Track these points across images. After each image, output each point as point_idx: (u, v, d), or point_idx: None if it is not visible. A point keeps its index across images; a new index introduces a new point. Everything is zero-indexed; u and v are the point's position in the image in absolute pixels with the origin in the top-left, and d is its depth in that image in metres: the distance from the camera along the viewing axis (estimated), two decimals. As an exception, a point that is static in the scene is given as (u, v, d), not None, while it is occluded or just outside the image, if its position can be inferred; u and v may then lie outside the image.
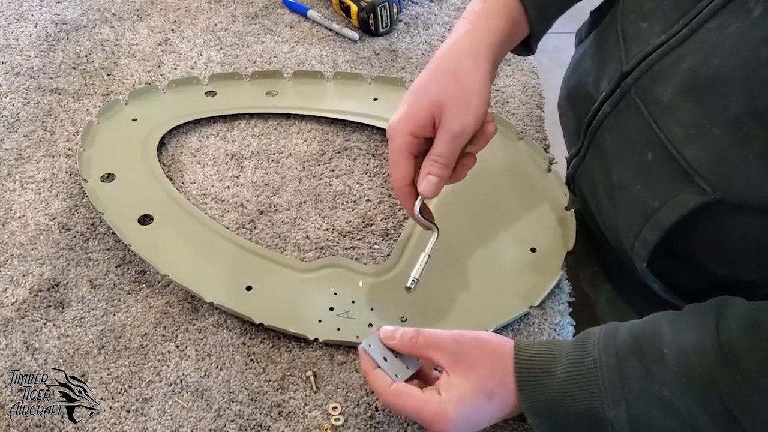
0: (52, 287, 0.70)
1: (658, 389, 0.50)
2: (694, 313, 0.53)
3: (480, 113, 0.61)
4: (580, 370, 0.53)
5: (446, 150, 0.60)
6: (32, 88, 0.93)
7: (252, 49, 1.01)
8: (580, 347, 0.54)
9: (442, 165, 0.60)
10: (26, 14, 1.05)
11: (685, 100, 0.57)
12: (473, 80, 0.61)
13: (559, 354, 0.55)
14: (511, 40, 0.67)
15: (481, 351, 0.56)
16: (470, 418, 0.54)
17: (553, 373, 0.54)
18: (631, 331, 0.54)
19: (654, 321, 0.54)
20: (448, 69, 0.62)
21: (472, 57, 0.62)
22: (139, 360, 0.65)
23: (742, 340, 0.48)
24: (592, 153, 0.71)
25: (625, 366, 0.52)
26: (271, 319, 0.66)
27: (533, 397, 0.54)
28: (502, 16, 0.64)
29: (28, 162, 0.83)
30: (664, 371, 0.50)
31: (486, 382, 0.54)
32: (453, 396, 0.53)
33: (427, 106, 0.60)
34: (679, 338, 0.51)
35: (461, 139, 0.61)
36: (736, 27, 0.53)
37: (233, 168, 0.83)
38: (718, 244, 0.62)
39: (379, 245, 0.75)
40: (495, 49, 0.64)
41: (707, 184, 0.56)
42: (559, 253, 0.73)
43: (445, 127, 0.60)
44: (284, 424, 0.61)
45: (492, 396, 0.54)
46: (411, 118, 0.61)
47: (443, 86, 0.61)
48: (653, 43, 0.60)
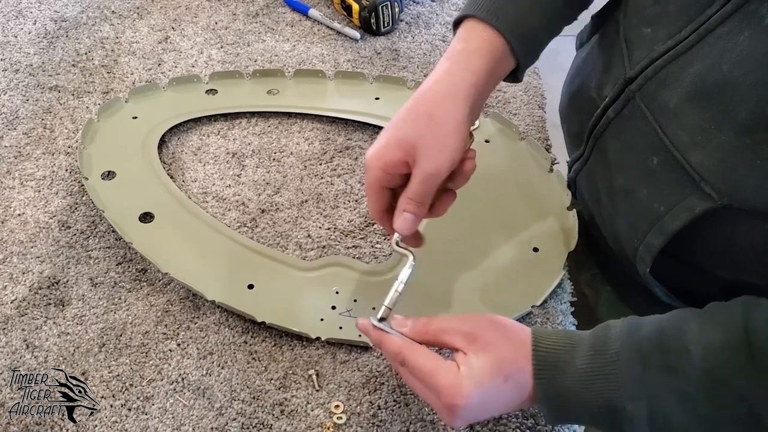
0: (52, 285, 0.70)
1: (681, 386, 0.49)
2: (720, 311, 0.52)
3: (456, 155, 0.60)
4: (601, 362, 0.52)
5: (420, 189, 0.59)
6: (31, 86, 0.92)
7: (253, 48, 1.00)
8: (602, 339, 0.53)
9: (417, 204, 0.60)
10: (25, 11, 1.05)
11: (691, 106, 0.56)
12: (450, 122, 0.60)
13: (579, 344, 0.53)
14: (495, 77, 0.65)
15: (500, 333, 0.54)
16: (484, 399, 0.52)
17: (571, 364, 0.52)
18: (655, 326, 0.53)
19: (678, 317, 0.54)
20: (426, 110, 0.60)
21: (451, 99, 0.61)
22: (140, 358, 0.65)
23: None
24: (595, 158, 0.71)
25: (648, 360, 0.51)
26: (273, 318, 0.66)
27: (550, 386, 0.53)
28: (484, 56, 0.63)
29: (27, 159, 0.83)
30: (688, 368, 0.50)
31: (504, 364, 0.53)
32: (470, 372, 0.52)
33: (400, 146, 0.59)
34: (705, 336, 0.50)
35: (435, 180, 0.60)
36: (748, 34, 0.52)
37: (234, 166, 0.83)
38: (724, 250, 0.61)
39: (380, 244, 0.75)
40: (475, 91, 0.62)
41: (713, 190, 0.55)
42: (561, 253, 0.73)
43: (420, 168, 0.59)
44: (286, 422, 0.61)
45: (508, 378, 0.53)
46: (384, 156, 0.60)
47: (419, 128, 0.60)
48: (659, 49, 0.60)
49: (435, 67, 0.63)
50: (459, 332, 0.54)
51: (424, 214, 0.61)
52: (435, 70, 0.63)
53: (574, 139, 0.77)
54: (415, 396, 0.63)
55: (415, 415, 0.62)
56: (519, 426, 0.62)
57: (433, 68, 0.64)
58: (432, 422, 0.62)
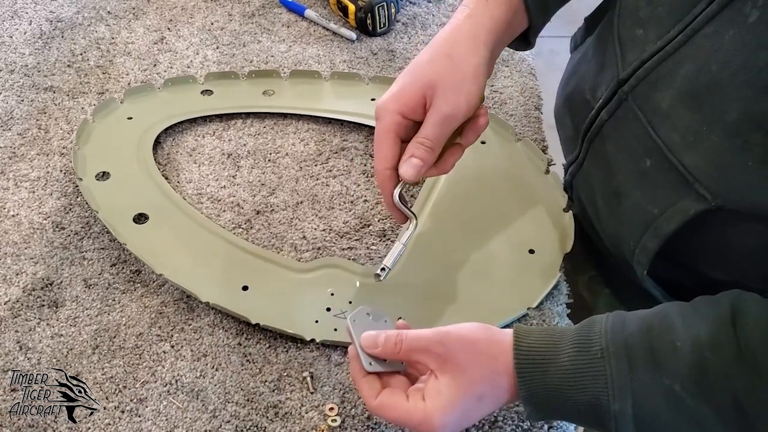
0: (46, 286, 0.70)
1: (668, 383, 0.49)
2: (707, 306, 0.52)
3: (473, 98, 0.59)
4: (585, 359, 0.51)
5: (434, 133, 0.58)
6: (26, 86, 0.92)
7: (249, 49, 1.00)
8: (586, 335, 0.53)
9: (427, 148, 0.58)
10: (20, 12, 1.04)
11: (683, 107, 0.56)
12: (469, 64, 0.60)
13: (562, 341, 0.53)
14: (511, 30, 0.65)
15: (470, 352, 0.53)
16: (459, 418, 0.53)
17: (555, 361, 0.52)
18: (641, 321, 0.53)
19: (665, 312, 0.53)
20: (445, 51, 0.60)
21: (471, 42, 0.61)
22: (133, 360, 0.64)
23: (760, 340, 0.47)
24: (590, 160, 0.71)
25: (634, 357, 0.50)
26: (267, 320, 0.66)
27: (533, 384, 0.52)
28: (502, 4, 0.63)
29: (21, 160, 0.82)
30: (676, 365, 0.49)
31: (476, 385, 0.53)
32: (439, 404, 0.52)
33: (420, 85, 0.59)
34: (693, 332, 0.50)
35: (451, 123, 0.59)
36: (733, 33, 0.52)
37: (229, 167, 0.83)
38: (719, 251, 0.61)
39: (376, 246, 0.75)
40: (494, 37, 0.62)
41: (707, 191, 0.55)
42: (557, 255, 0.73)
43: (436, 109, 0.58)
44: (280, 425, 0.60)
45: (482, 398, 0.53)
46: (402, 96, 0.59)
47: (438, 67, 0.59)
48: (649, 50, 0.60)
49: (453, 15, 0.63)
50: (430, 354, 0.53)
51: (432, 163, 0.60)
52: (454, 16, 0.63)
53: (569, 141, 0.77)
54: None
55: (410, 418, 0.62)
56: (515, 429, 0.61)
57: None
58: (427, 424, 0.61)
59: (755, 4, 0.51)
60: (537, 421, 0.61)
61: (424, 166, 0.59)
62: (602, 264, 0.82)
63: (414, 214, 0.62)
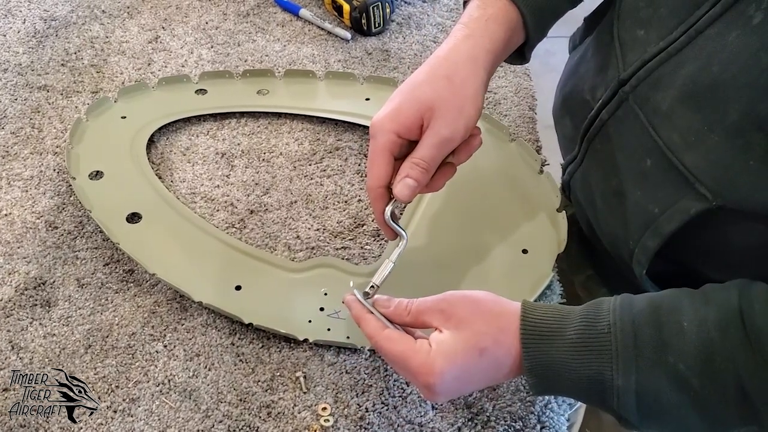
0: (39, 286, 0.69)
1: (673, 362, 0.49)
2: (715, 291, 0.52)
3: (471, 121, 0.60)
4: (592, 333, 0.51)
5: (430, 154, 0.58)
6: (20, 85, 0.92)
7: (243, 48, 1.00)
8: (594, 311, 0.53)
9: (422, 170, 0.58)
10: (14, 10, 1.04)
11: (684, 108, 0.56)
12: (469, 87, 0.60)
13: (570, 316, 0.53)
14: (508, 48, 0.65)
15: (473, 308, 0.54)
16: (460, 375, 0.52)
17: (561, 335, 0.52)
18: (650, 301, 0.52)
19: (673, 294, 0.53)
20: (445, 73, 0.60)
21: (471, 63, 0.61)
22: (126, 360, 0.64)
23: (765, 322, 0.47)
24: (589, 160, 0.71)
25: (640, 334, 0.50)
26: (260, 319, 0.66)
27: (538, 356, 0.52)
28: (501, 23, 0.63)
29: (15, 159, 0.82)
30: (682, 344, 0.49)
31: (477, 338, 0.52)
32: (443, 349, 0.52)
33: (418, 106, 0.58)
34: (701, 314, 0.50)
35: (448, 146, 0.59)
36: (736, 35, 0.52)
37: (223, 167, 0.83)
38: (719, 251, 0.61)
39: (370, 245, 0.75)
40: (493, 57, 0.62)
41: (708, 191, 0.55)
42: (551, 255, 0.73)
43: (434, 131, 0.58)
44: (273, 425, 0.60)
45: (484, 352, 0.52)
46: (398, 116, 0.59)
47: (437, 89, 0.59)
48: (651, 51, 0.60)
49: (450, 33, 0.63)
50: (435, 311, 0.54)
51: (425, 183, 0.60)
52: (451, 36, 0.63)
53: (567, 141, 0.77)
54: (403, 398, 0.63)
55: (404, 418, 0.62)
56: (507, 428, 0.62)
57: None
58: (420, 425, 0.61)
59: (759, 6, 0.51)
60: (538, 395, 0.61)
61: (418, 187, 0.59)
62: (599, 263, 0.82)
63: (404, 232, 0.61)
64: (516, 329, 0.53)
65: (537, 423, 0.62)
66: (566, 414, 0.64)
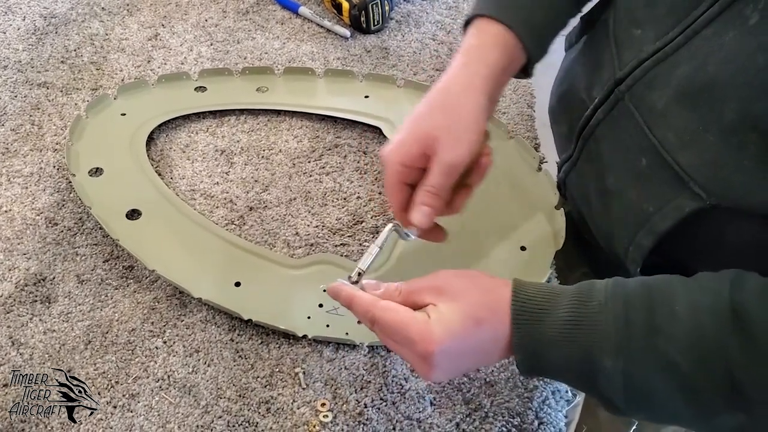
0: (39, 282, 0.70)
1: (663, 345, 0.49)
2: (709, 279, 0.52)
3: (474, 146, 0.60)
4: (583, 312, 0.51)
5: (439, 181, 0.60)
6: (20, 82, 0.92)
7: (243, 45, 1.00)
8: (586, 291, 0.52)
9: (434, 195, 0.60)
10: (14, 7, 1.04)
11: (679, 107, 0.56)
12: (468, 113, 0.61)
13: (561, 295, 0.53)
14: (508, 71, 0.66)
15: (468, 281, 0.54)
16: (458, 345, 0.51)
17: (552, 313, 0.52)
18: (643, 284, 0.52)
19: (666, 279, 0.53)
20: (443, 103, 0.61)
21: (468, 91, 0.61)
22: (126, 356, 0.65)
23: (756, 309, 0.47)
24: (585, 158, 0.71)
25: (632, 316, 0.50)
26: (259, 316, 0.66)
27: (528, 334, 0.52)
28: (497, 49, 0.64)
29: (15, 156, 0.82)
30: (673, 327, 0.49)
31: (474, 308, 0.52)
32: (441, 318, 0.51)
33: (418, 138, 0.60)
34: (693, 299, 0.50)
35: (455, 171, 0.60)
36: (733, 35, 0.53)
37: (223, 164, 0.83)
38: (714, 250, 0.62)
39: (368, 242, 0.75)
40: (491, 83, 0.63)
41: (702, 190, 0.55)
42: (549, 252, 0.73)
43: (439, 159, 0.59)
44: (272, 420, 0.61)
45: (481, 322, 0.52)
46: (401, 149, 0.60)
47: (437, 120, 0.60)
48: (647, 50, 0.60)
49: (450, 65, 0.64)
50: (428, 288, 0.54)
51: (441, 208, 0.61)
52: (450, 66, 0.64)
53: (563, 140, 0.77)
54: (401, 394, 0.63)
55: (402, 414, 0.62)
56: (505, 424, 0.62)
57: (423, 66, 0.64)
58: (419, 420, 0.62)
59: (756, 6, 0.51)
60: (526, 375, 0.60)
61: (434, 212, 0.61)
62: (594, 261, 0.83)
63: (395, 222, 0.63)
64: (509, 302, 0.53)
65: (535, 419, 0.63)
66: (564, 410, 0.65)
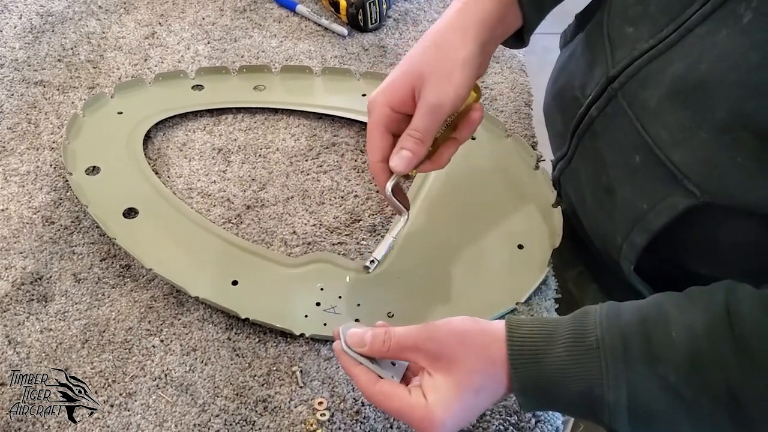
0: (35, 281, 0.70)
1: (663, 373, 0.49)
2: (701, 296, 0.52)
3: (461, 89, 0.59)
4: (580, 349, 0.51)
5: (423, 124, 0.58)
6: (16, 80, 0.92)
7: (240, 44, 1.00)
8: (580, 325, 0.52)
9: (416, 140, 0.58)
10: (10, 5, 1.04)
11: (672, 105, 0.57)
12: (458, 54, 0.59)
13: (556, 332, 0.52)
14: (504, 25, 0.65)
15: (461, 344, 0.53)
16: (459, 416, 0.52)
17: (549, 352, 0.51)
18: (636, 312, 0.52)
19: (659, 303, 0.53)
20: (433, 42, 0.60)
21: (460, 32, 0.60)
22: (123, 354, 0.64)
23: (753, 329, 0.47)
24: (579, 156, 0.71)
25: (629, 348, 0.50)
26: (257, 314, 0.66)
27: (527, 376, 0.52)
28: None
29: (11, 154, 0.82)
30: (671, 355, 0.49)
31: (471, 378, 0.52)
32: (438, 398, 0.51)
33: (408, 77, 0.59)
34: (688, 322, 0.49)
35: (439, 113, 0.58)
36: (726, 33, 0.53)
37: (220, 162, 0.83)
38: (707, 247, 0.62)
39: (366, 241, 0.75)
40: (485, 29, 0.62)
41: (696, 187, 0.56)
42: (546, 250, 0.74)
43: (424, 99, 0.58)
44: (269, 419, 0.61)
45: (479, 391, 0.52)
46: (390, 89, 0.59)
47: (426, 58, 0.59)
48: (640, 48, 0.60)
49: (446, 9, 0.63)
50: (420, 351, 0.53)
51: (423, 155, 0.60)
52: (446, 11, 0.63)
53: (558, 138, 0.77)
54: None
55: (399, 412, 0.62)
56: (502, 423, 0.62)
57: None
58: (415, 419, 0.62)
59: (749, 5, 0.51)
60: (529, 412, 0.61)
61: (414, 158, 0.59)
62: (590, 259, 0.83)
63: (406, 208, 0.62)
64: (505, 357, 0.52)
65: (532, 417, 0.63)
66: (561, 408, 0.65)
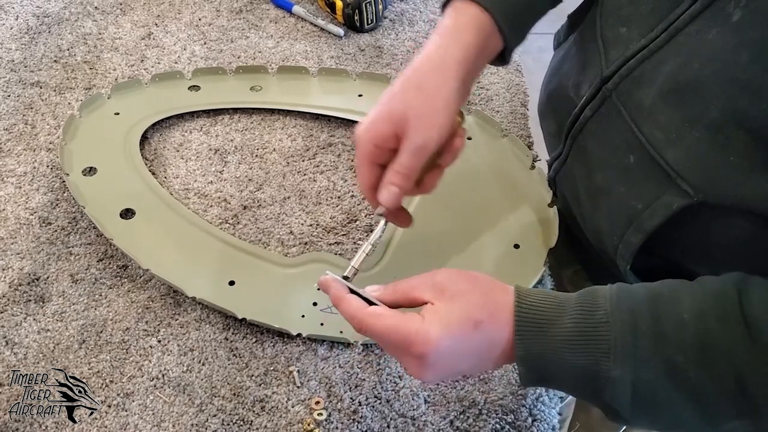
0: (33, 281, 0.70)
1: (671, 353, 0.48)
2: (714, 283, 0.52)
3: (444, 129, 0.60)
4: (589, 323, 0.50)
5: (408, 162, 0.59)
6: (13, 81, 0.92)
7: (236, 44, 1.00)
8: (590, 300, 0.52)
9: (403, 176, 0.60)
10: (7, 6, 1.04)
11: (665, 104, 0.57)
12: (439, 95, 0.60)
13: (565, 304, 0.52)
14: (485, 54, 0.65)
15: (470, 281, 0.53)
16: (454, 346, 0.50)
17: (557, 324, 0.51)
18: (648, 291, 0.52)
19: (671, 285, 0.52)
20: (415, 83, 0.61)
21: (440, 72, 0.61)
22: (120, 355, 0.65)
23: (765, 316, 0.47)
24: (574, 156, 0.72)
25: (639, 325, 0.49)
26: (254, 314, 0.66)
27: (532, 345, 0.51)
28: (472, 31, 0.63)
29: (8, 155, 0.82)
30: (681, 335, 0.48)
31: (474, 310, 0.51)
32: (437, 318, 0.50)
33: (390, 119, 0.60)
34: (699, 304, 0.49)
35: (424, 153, 0.60)
36: (716, 32, 0.53)
37: (217, 163, 0.83)
38: (702, 246, 0.62)
39: (363, 241, 0.75)
40: (465, 66, 0.62)
41: (690, 187, 0.56)
42: (542, 250, 0.74)
43: (409, 140, 0.59)
44: (267, 419, 0.61)
45: (479, 325, 0.51)
46: (374, 128, 0.60)
47: (408, 100, 0.60)
48: (633, 48, 0.60)
49: (426, 43, 0.63)
50: (427, 285, 0.53)
51: (409, 188, 0.61)
52: (425, 46, 0.63)
53: (552, 138, 0.78)
54: (396, 392, 0.63)
55: (396, 411, 0.62)
56: (498, 422, 0.62)
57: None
58: (413, 418, 0.62)
59: (738, 3, 0.51)
60: (528, 386, 0.60)
61: (401, 192, 0.60)
62: (586, 259, 0.83)
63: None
64: (511, 309, 0.51)
65: (528, 416, 0.63)
66: (557, 407, 0.65)
